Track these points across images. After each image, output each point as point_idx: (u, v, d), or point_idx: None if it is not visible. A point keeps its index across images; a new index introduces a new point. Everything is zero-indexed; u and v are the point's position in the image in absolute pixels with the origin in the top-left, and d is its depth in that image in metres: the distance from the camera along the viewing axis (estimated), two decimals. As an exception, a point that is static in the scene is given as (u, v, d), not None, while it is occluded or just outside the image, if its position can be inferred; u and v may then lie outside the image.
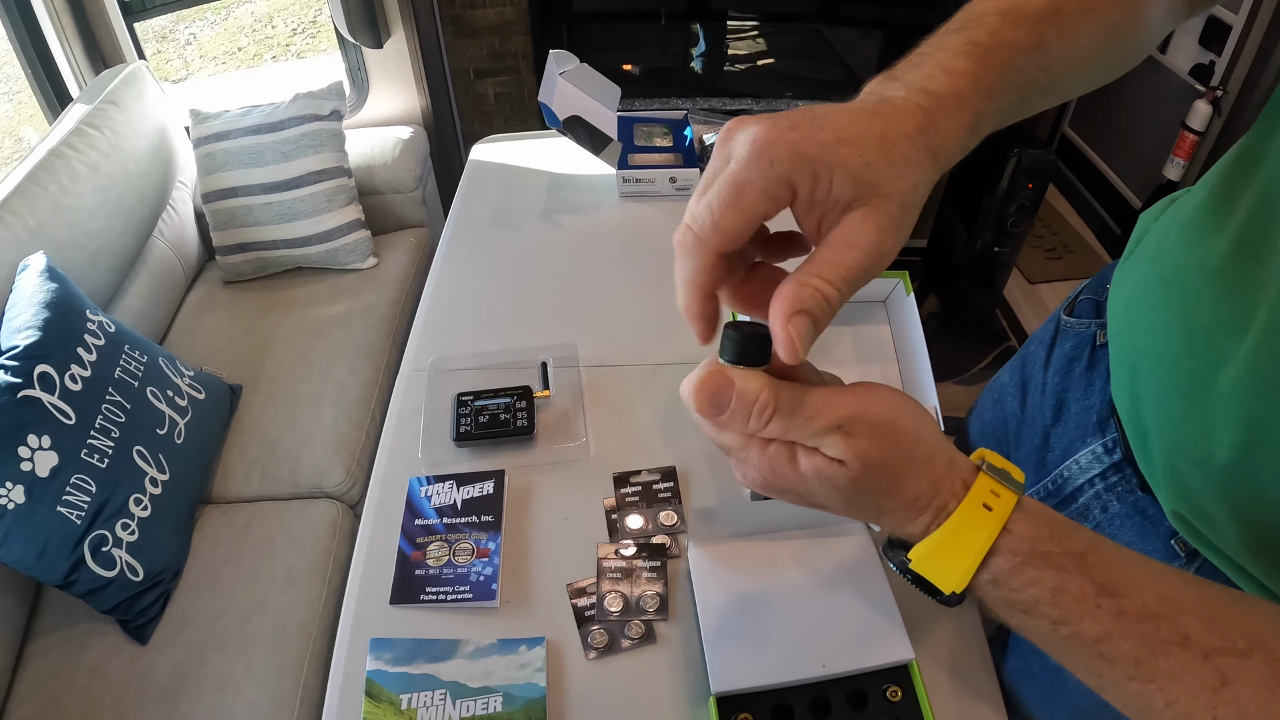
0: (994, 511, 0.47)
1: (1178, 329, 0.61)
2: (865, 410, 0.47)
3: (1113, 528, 0.74)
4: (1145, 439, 0.67)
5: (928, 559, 0.49)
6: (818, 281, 0.44)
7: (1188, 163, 2.50)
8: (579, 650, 0.86)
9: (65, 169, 1.82)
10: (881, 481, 0.48)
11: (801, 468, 0.49)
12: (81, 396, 1.45)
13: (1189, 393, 0.60)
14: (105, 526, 1.42)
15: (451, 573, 0.92)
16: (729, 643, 0.80)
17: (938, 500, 0.49)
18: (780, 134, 0.43)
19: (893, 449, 0.48)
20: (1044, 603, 0.46)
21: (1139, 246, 0.76)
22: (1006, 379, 0.98)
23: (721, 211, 0.44)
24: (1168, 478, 0.65)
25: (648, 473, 1.01)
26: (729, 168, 0.44)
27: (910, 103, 0.47)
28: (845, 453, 0.47)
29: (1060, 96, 0.58)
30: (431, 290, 1.32)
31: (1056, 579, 0.46)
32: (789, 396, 0.47)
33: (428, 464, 1.04)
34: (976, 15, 0.53)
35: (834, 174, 0.43)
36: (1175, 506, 0.65)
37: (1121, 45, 0.59)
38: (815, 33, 3.16)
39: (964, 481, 0.49)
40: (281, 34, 4.83)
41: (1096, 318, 0.83)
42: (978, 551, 0.47)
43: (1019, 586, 0.47)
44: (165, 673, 1.43)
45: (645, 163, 1.52)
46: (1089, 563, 0.46)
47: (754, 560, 0.87)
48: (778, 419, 0.47)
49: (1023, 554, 0.47)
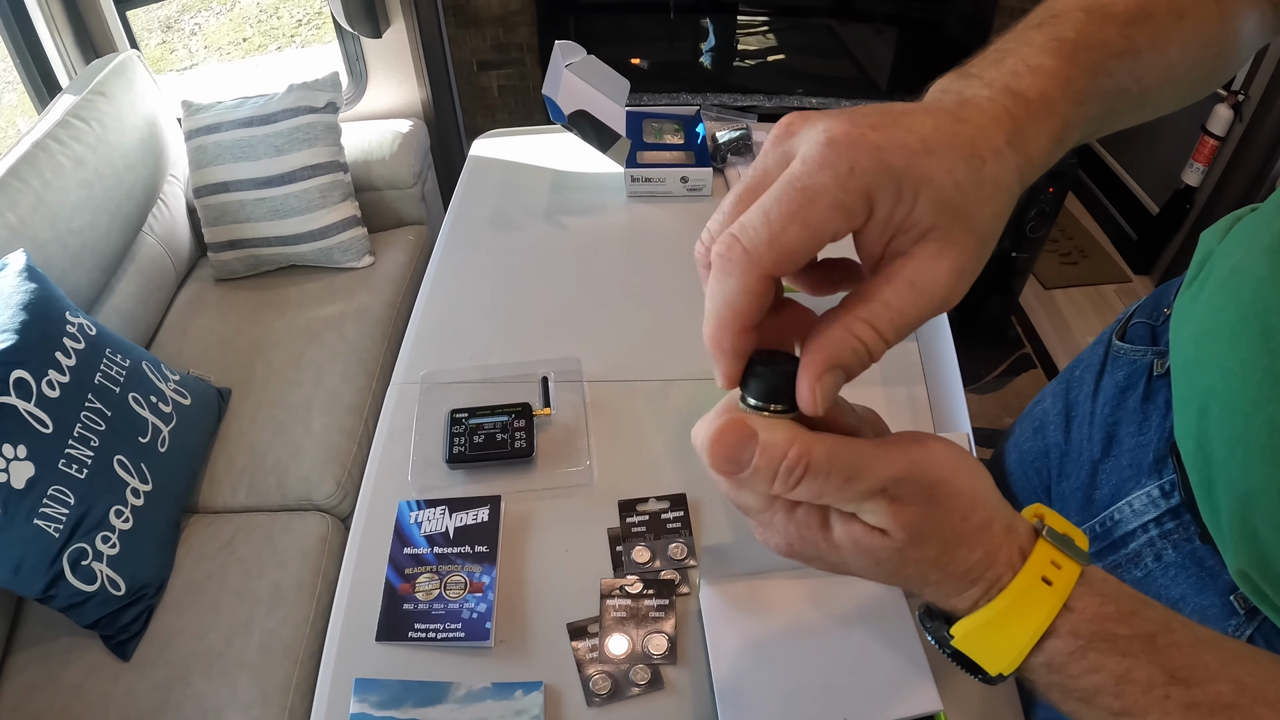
0: (1054, 586, 0.41)
1: (1260, 371, 0.55)
2: (915, 471, 0.40)
3: (1166, 577, 0.68)
4: (1212, 488, 0.61)
5: (973, 637, 0.43)
6: (866, 331, 0.37)
7: (1207, 168, 2.45)
8: (580, 697, 0.80)
9: (49, 163, 1.76)
10: (931, 554, 0.42)
11: (836, 536, 0.43)
12: (59, 404, 1.39)
13: (1269, 444, 0.53)
14: (85, 540, 1.37)
15: (442, 608, 0.86)
16: (743, 691, 0.74)
17: (991, 572, 0.42)
18: (862, 134, 0.36)
19: (945, 516, 0.41)
20: (1106, 692, 0.40)
21: (1204, 271, 0.69)
22: (1049, 405, 0.91)
23: (783, 223, 0.36)
24: (1235, 533, 0.58)
25: (655, 500, 0.94)
26: (794, 169, 0.36)
27: (996, 105, 0.40)
28: (890, 522, 0.41)
29: (1146, 114, 0.51)
30: (426, 296, 1.25)
31: (1122, 666, 0.40)
32: (823, 452, 0.39)
33: (418, 487, 0.98)
34: (1059, 11, 0.46)
35: (920, 193, 0.36)
36: (1241, 565, 0.58)
37: (1212, 59, 0.53)
38: (827, 28, 3.13)
39: (1021, 549, 0.42)
40: (287, 24, 4.83)
41: (1153, 344, 0.77)
42: (1034, 632, 0.41)
43: (1078, 673, 0.41)
44: (147, 694, 1.38)
45: (655, 161, 1.45)
46: (1159, 646, 0.40)
47: (770, 600, 0.81)
48: (809, 480, 0.39)
49: (1085, 636, 0.41)
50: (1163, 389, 0.72)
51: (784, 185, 0.36)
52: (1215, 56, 0.53)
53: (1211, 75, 0.54)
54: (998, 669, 0.43)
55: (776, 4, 3.07)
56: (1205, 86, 0.55)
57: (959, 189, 0.36)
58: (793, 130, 0.39)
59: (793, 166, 0.36)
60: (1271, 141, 2.26)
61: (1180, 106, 0.53)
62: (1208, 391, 0.61)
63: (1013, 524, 0.43)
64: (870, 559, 0.42)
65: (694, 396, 1.07)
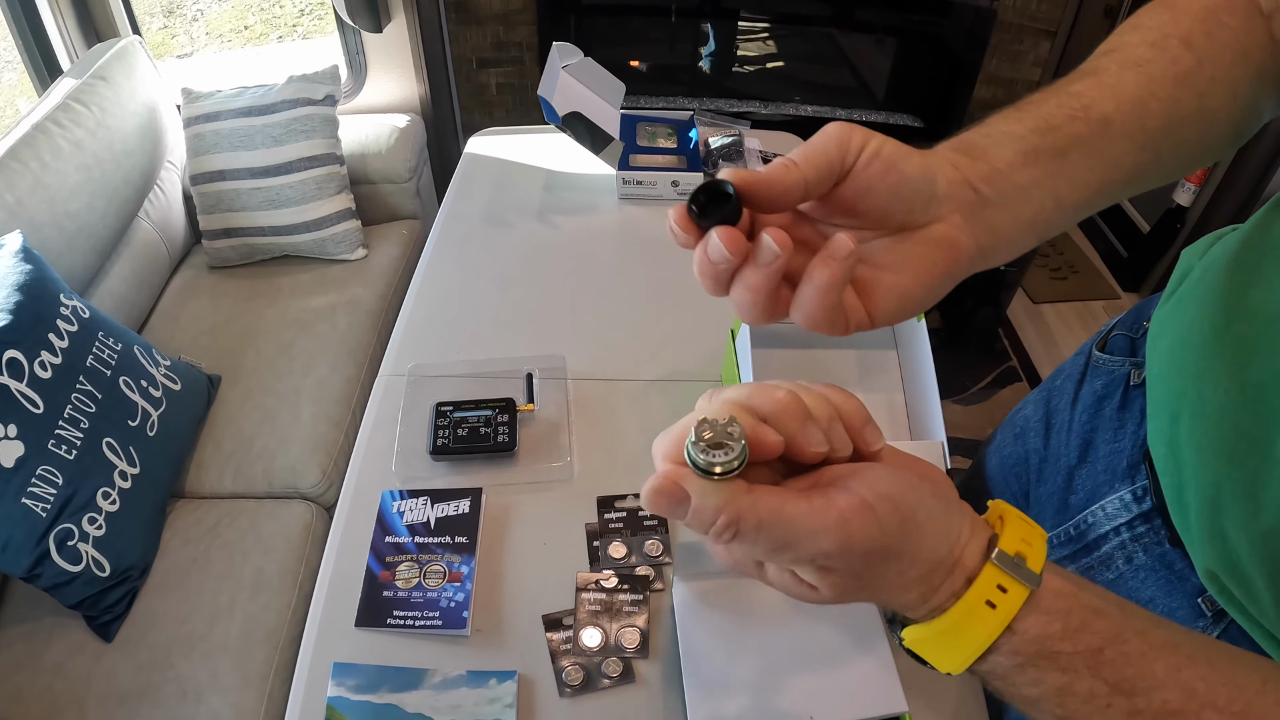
0: (998, 609, 0.42)
1: (1229, 379, 0.57)
2: (849, 544, 0.41)
3: (1137, 580, 0.69)
4: (1182, 492, 0.63)
5: (920, 644, 0.45)
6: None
7: (1199, 189, 2.47)
8: (553, 687, 0.82)
9: (48, 145, 1.77)
10: (863, 598, 0.45)
11: (769, 576, 0.45)
12: (51, 385, 1.40)
13: (1236, 449, 0.55)
14: (72, 520, 1.38)
15: (421, 597, 0.87)
16: (712, 687, 0.75)
17: (933, 601, 0.44)
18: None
19: (879, 577, 0.43)
20: (1048, 701, 0.43)
21: (1183, 286, 0.71)
22: (1030, 413, 0.93)
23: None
24: (1205, 534, 0.60)
25: (634, 498, 0.96)
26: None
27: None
28: (819, 583, 0.43)
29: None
30: (417, 289, 1.27)
31: (1063, 680, 0.42)
32: (753, 524, 0.40)
33: (401, 477, 0.99)
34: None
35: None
36: (1209, 565, 0.60)
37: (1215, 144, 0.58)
38: (827, 37, 3.13)
39: (968, 578, 0.43)
40: (290, 14, 4.81)
41: (1131, 355, 0.79)
42: (974, 650, 0.43)
43: (1021, 684, 0.43)
44: (128, 674, 1.38)
45: (647, 164, 1.47)
46: (1104, 659, 0.42)
47: (742, 599, 0.82)
48: (739, 543, 0.41)
49: (1026, 654, 0.42)
50: (1138, 398, 0.74)
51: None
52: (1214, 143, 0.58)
53: (1210, 154, 0.59)
54: (946, 670, 0.44)
55: (778, 11, 3.08)
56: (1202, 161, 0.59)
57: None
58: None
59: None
60: (1263, 165, 2.28)
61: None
62: (1180, 397, 0.63)
63: (960, 559, 0.44)
64: (799, 597, 0.45)
65: (675, 397, 1.09)
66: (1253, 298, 0.57)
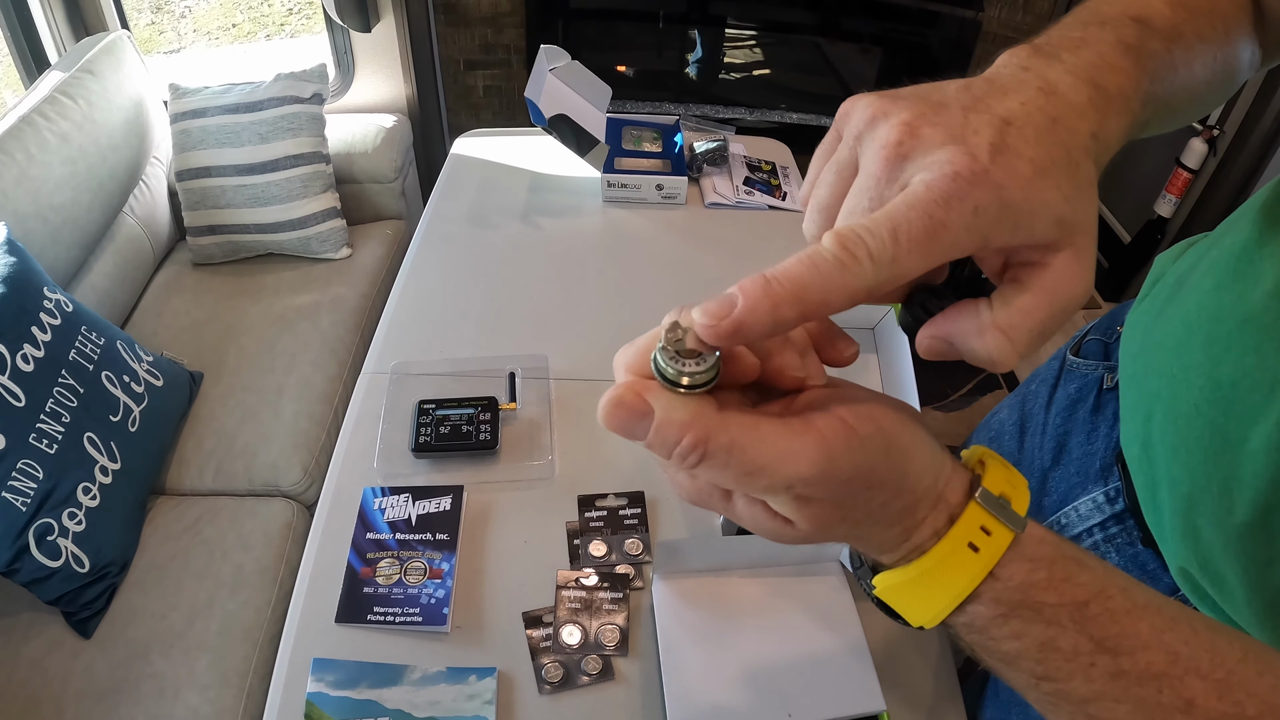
0: (981, 553, 0.39)
1: (1202, 377, 0.58)
2: (830, 470, 0.37)
3: None
4: (1156, 490, 0.64)
5: (893, 592, 0.42)
6: (1000, 341, 0.39)
7: (1180, 200, 2.49)
8: (532, 684, 0.82)
9: (34, 138, 1.76)
10: (840, 534, 0.41)
11: (737, 509, 0.41)
12: (33, 378, 1.39)
13: (1210, 446, 0.56)
14: (51, 515, 1.37)
15: (402, 593, 0.87)
16: (691, 685, 0.76)
17: (910, 541, 0.41)
18: (984, 171, 0.35)
19: (860, 507, 0.39)
20: (1028, 657, 0.40)
21: (1156, 289, 0.72)
22: (1005, 416, 0.94)
23: (909, 247, 0.34)
24: (1178, 531, 0.61)
25: (614, 497, 0.97)
26: (921, 194, 0.35)
27: (1081, 96, 0.40)
28: (795, 515, 0.39)
29: (1165, 127, 0.52)
30: (401, 288, 1.27)
31: (1046, 634, 0.39)
32: (723, 444, 0.36)
33: (383, 474, 1.00)
34: (1109, 16, 0.46)
35: (1036, 219, 0.36)
36: (1182, 563, 0.61)
37: (1220, 83, 0.53)
38: (814, 46, 3.15)
39: (951, 516, 0.40)
40: (278, 12, 4.78)
41: (1105, 359, 0.80)
42: (954, 597, 0.40)
43: (1001, 637, 0.40)
44: (106, 672, 1.37)
45: (632, 167, 1.48)
46: (1089, 614, 0.39)
47: (722, 597, 0.84)
48: (705, 468, 0.37)
49: (1009, 604, 0.40)
50: (1111, 401, 0.76)
51: (916, 208, 0.35)
52: (1223, 81, 0.53)
53: (1217, 98, 0.55)
54: (918, 623, 0.42)
55: (765, 19, 3.09)
56: (1208, 108, 0.55)
57: (1069, 201, 0.37)
58: (898, 143, 0.38)
59: (920, 190, 0.35)
60: (1244, 176, 2.31)
61: (1177, 126, 0.54)
62: (1153, 397, 0.64)
63: (943, 494, 0.41)
64: (772, 534, 0.41)
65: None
66: (1225, 299, 0.58)
